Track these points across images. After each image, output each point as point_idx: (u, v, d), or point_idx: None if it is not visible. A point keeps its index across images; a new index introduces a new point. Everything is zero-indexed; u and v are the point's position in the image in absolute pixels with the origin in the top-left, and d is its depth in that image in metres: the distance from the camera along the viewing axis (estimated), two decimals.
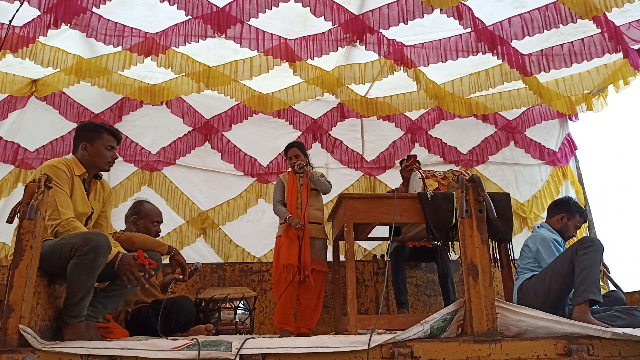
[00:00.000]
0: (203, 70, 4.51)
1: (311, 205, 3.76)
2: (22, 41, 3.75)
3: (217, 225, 5.02)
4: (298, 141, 4.10)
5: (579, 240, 2.76)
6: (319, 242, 3.72)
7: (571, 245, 2.79)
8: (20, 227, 1.97)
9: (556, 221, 3.18)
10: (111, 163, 2.65)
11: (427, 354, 1.91)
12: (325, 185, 3.78)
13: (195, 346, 1.83)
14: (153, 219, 3.29)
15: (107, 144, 2.60)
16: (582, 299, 2.52)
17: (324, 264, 3.71)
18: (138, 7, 3.72)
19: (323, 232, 3.80)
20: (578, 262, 2.64)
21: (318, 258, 3.68)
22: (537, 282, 2.84)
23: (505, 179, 5.44)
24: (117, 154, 2.69)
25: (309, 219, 3.69)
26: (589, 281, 2.56)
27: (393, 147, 5.45)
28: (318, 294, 3.68)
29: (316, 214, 3.78)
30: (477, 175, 2.19)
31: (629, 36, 3.91)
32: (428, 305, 4.28)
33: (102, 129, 2.63)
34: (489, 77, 4.63)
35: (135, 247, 2.56)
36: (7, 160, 4.72)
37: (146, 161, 5.02)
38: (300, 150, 3.89)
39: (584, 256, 2.63)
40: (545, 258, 2.94)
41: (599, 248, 2.67)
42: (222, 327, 3.18)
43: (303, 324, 3.64)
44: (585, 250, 2.65)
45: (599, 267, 2.64)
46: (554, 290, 2.75)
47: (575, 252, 2.69)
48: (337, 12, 3.66)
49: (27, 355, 1.80)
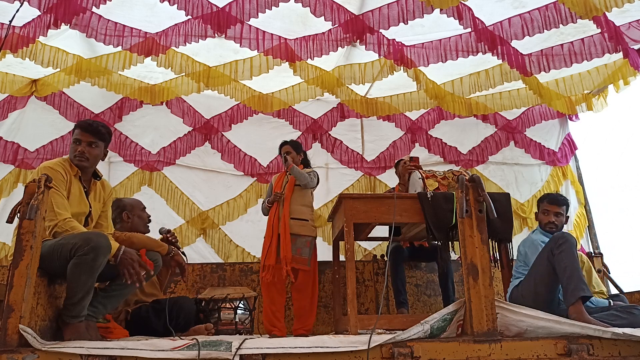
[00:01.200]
0: (203, 70, 4.51)
1: (295, 200, 3.65)
2: (22, 41, 3.75)
3: (217, 225, 5.02)
4: (293, 139, 4.04)
5: (551, 239, 2.75)
6: (302, 240, 3.56)
7: (545, 245, 2.78)
8: (20, 227, 1.97)
9: (537, 219, 3.16)
10: (78, 157, 2.49)
11: (427, 354, 1.91)
12: (305, 178, 3.64)
13: (195, 346, 1.83)
14: (140, 206, 3.31)
15: (74, 137, 2.54)
16: (574, 298, 2.52)
17: (304, 262, 3.52)
18: (138, 7, 3.72)
19: (309, 229, 3.64)
20: (557, 262, 2.64)
21: (298, 256, 3.51)
22: (524, 288, 2.85)
23: (505, 179, 5.44)
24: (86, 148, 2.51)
25: (292, 214, 3.59)
26: (575, 279, 2.56)
27: (393, 147, 5.45)
28: (310, 294, 3.57)
29: (300, 209, 3.66)
30: (477, 175, 2.19)
31: (629, 36, 3.91)
32: (428, 305, 4.28)
33: (76, 125, 2.57)
34: (489, 77, 4.63)
35: (135, 247, 2.56)
36: (7, 160, 4.72)
37: (146, 161, 5.02)
38: (292, 148, 3.86)
39: (561, 255, 2.63)
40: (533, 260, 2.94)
41: (572, 243, 2.67)
42: (222, 327, 3.18)
43: (299, 325, 3.58)
44: (560, 248, 2.65)
45: (578, 261, 2.63)
46: (541, 293, 2.75)
47: (551, 252, 2.69)
48: (337, 12, 3.67)
49: (27, 355, 1.80)
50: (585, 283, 2.59)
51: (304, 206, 3.71)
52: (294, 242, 3.54)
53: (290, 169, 3.68)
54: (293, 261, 3.49)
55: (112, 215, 3.27)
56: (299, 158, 3.88)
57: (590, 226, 5.30)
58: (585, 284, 2.57)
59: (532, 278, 2.81)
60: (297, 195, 3.69)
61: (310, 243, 3.61)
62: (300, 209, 3.67)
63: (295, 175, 3.68)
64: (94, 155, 2.55)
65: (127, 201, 3.34)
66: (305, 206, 3.72)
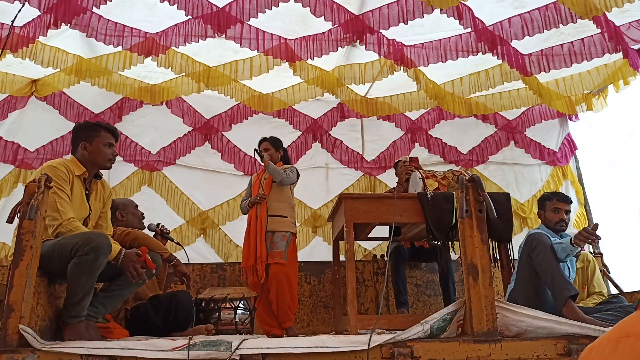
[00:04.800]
0: (203, 70, 4.51)
1: (272, 197, 3.62)
2: (22, 41, 3.75)
3: (217, 225, 5.02)
4: (272, 136, 3.95)
5: (526, 242, 2.76)
6: (279, 235, 3.52)
7: (523, 249, 2.79)
8: (20, 227, 1.97)
9: (541, 219, 3.16)
10: (112, 160, 2.64)
11: (427, 354, 1.91)
12: (279, 174, 3.59)
13: (195, 346, 1.83)
14: (132, 204, 3.34)
15: (106, 142, 2.60)
16: (563, 300, 2.52)
17: (280, 255, 3.44)
18: (138, 7, 3.72)
19: (287, 225, 3.58)
20: (537, 265, 2.64)
21: (274, 250, 3.46)
22: (516, 293, 2.85)
23: (505, 179, 5.44)
24: (116, 152, 2.68)
25: (270, 211, 3.56)
26: (557, 280, 2.57)
27: (393, 147, 5.45)
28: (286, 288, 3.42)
29: (278, 206, 3.61)
30: (477, 175, 2.19)
31: (629, 36, 3.91)
32: (428, 305, 4.28)
33: (99, 127, 2.62)
34: (489, 77, 4.63)
35: (137, 243, 2.60)
36: (7, 160, 4.72)
37: (146, 161, 5.02)
38: (271, 145, 3.82)
39: (538, 258, 2.63)
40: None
41: (545, 243, 2.66)
42: (222, 327, 3.18)
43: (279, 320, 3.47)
44: (535, 251, 2.65)
45: (556, 261, 2.62)
46: (531, 296, 2.74)
47: (528, 256, 2.70)
48: (337, 12, 3.67)
49: (27, 355, 1.80)
50: (568, 282, 2.59)
51: (281, 202, 3.65)
52: (270, 239, 3.51)
53: (266, 166, 3.66)
54: (269, 257, 3.45)
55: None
56: (278, 155, 3.83)
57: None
58: (569, 283, 2.58)
59: (520, 282, 2.82)
60: (274, 192, 3.66)
61: (287, 237, 3.55)
62: (277, 205, 3.62)
63: (270, 172, 3.65)
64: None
65: (119, 201, 3.36)
66: (283, 202, 3.65)
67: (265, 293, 3.49)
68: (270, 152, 3.78)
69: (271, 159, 3.74)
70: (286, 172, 3.64)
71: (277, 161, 3.82)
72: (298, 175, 3.77)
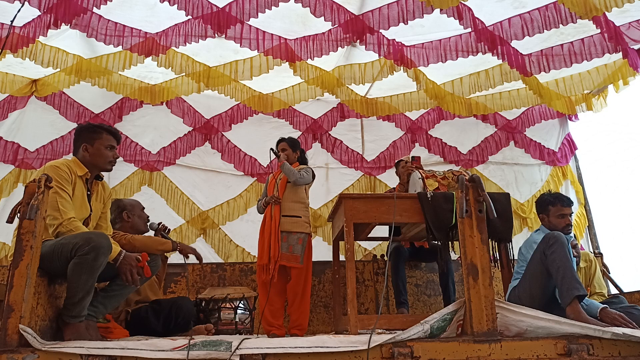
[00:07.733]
0: (203, 70, 4.51)
1: (287, 197, 3.64)
2: (22, 41, 3.75)
3: (217, 225, 5.02)
4: (290, 137, 3.99)
5: (542, 240, 2.75)
6: (294, 237, 3.54)
7: (538, 246, 2.78)
8: (20, 227, 1.97)
9: (544, 223, 3.16)
10: (113, 163, 2.66)
11: (427, 354, 1.91)
12: (293, 174, 3.61)
13: (195, 346, 1.82)
14: (140, 206, 3.34)
15: (107, 144, 2.61)
16: (569, 298, 2.51)
17: (296, 260, 3.48)
18: (138, 7, 3.72)
19: (301, 226, 3.60)
20: (550, 263, 2.63)
21: (289, 253, 3.48)
22: (520, 291, 2.84)
23: (505, 179, 5.44)
24: (117, 154, 2.69)
25: (283, 212, 3.58)
26: (568, 279, 2.56)
27: (393, 147, 5.46)
28: (301, 291, 3.50)
29: (292, 206, 3.63)
30: (477, 175, 2.19)
31: (629, 36, 3.91)
32: (428, 305, 4.28)
33: (101, 129, 2.64)
34: (489, 77, 4.63)
35: (137, 250, 2.57)
36: (7, 160, 4.72)
37: (146, 161, 5.02)
38: (289, 145, 3.85)
39: (553, 255, 2.62)
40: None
41: (563, 242, 2.65)
42: (222, 327, 3.19)
43: (292, 325, 3.53)
44: (552, 248, 2.64)
45: (571, 261, 2.62)
46: (536, 294, 2.74)
47: (543, 253, 2.69)
48: (337, 12, 3.67)
49: (27, 355, 1.80)
50: (579, 282, 2.58)
51: (296, 203, 3.66)
52: (285, 239, 3.53)
53: (281, 165, 3.68)
54: (284, 259, 3.47)
55: (112, 215, 3.28)
56: (294, 156, 3.86)
57: (590, 226, 5.30)
58: (579, 283, 2.57)
59: (527, 280, 2.80)
60: (289, 192, 3.67)
61: (302, 240, 3.56)
62: (291, 205, 3.64)
63: (285, 172, 3.67)
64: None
65: (127, 201, 3.36)
66: (297, 202, 3.67)
67: (278, 293, 3.53)
68: (287, 153, 3.81)
69: (287, 159, 3.77)
70: (301, 172, 3.67)
71: (293, 162, 3.85)
72: (314, 175, 3.80)
